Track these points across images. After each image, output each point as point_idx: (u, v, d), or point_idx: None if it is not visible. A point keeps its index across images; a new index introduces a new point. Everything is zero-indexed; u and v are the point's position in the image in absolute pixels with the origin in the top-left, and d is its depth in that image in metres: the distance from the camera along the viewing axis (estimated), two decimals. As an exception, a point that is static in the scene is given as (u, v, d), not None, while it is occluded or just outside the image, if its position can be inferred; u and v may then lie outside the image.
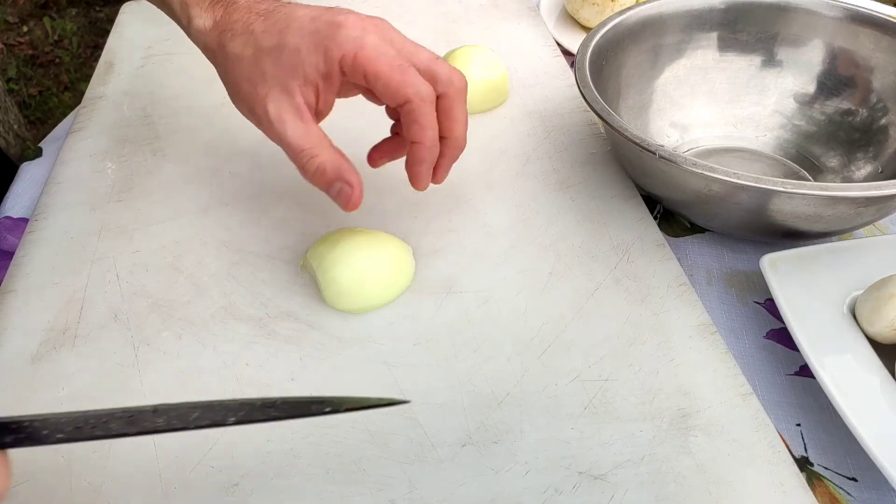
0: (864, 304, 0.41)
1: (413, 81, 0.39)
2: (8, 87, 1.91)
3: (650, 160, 0.45)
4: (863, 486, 0.38)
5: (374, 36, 0.39)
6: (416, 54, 0.41)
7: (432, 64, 0.41)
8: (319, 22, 0.40)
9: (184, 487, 0.35)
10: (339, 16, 0.40)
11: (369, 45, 0.39)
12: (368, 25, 0.40)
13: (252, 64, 0.41)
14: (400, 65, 0.39)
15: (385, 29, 0.41)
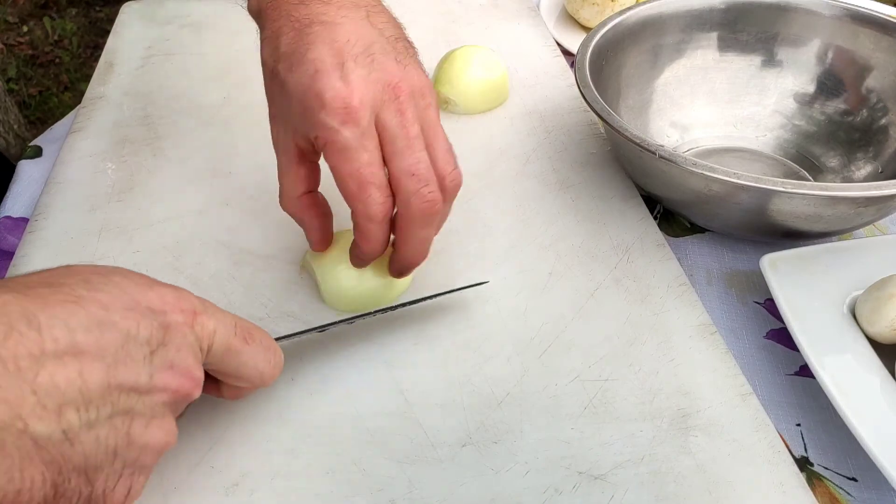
0: (864, 304, 0.41)
1: (365, 199, 0.36)
2: (8, 87, 1.91)
3: (650, 160, 0.45)
4: (863, 486, 0.38)
5: (350, 133, 0.35)
6: (400, 155, 0.36)
7: (403, 177, 0.36)
8: (312, 86, 0.35)
9: (184, 487, 0.35)
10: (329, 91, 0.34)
11: (339, 143, 0.35)
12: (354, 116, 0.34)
13: (269, 80, 0.39)
14: (361, 177, 0.35)
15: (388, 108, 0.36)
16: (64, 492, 0.25)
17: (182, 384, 0.28)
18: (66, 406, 0.24)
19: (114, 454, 0.26)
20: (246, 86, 0.63)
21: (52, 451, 0.24)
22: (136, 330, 0.27)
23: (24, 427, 0.23)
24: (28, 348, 0.24)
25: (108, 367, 0.26)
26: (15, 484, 0.23)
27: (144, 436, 0.27)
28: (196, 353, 0.29)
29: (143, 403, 0.27)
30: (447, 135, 0.39)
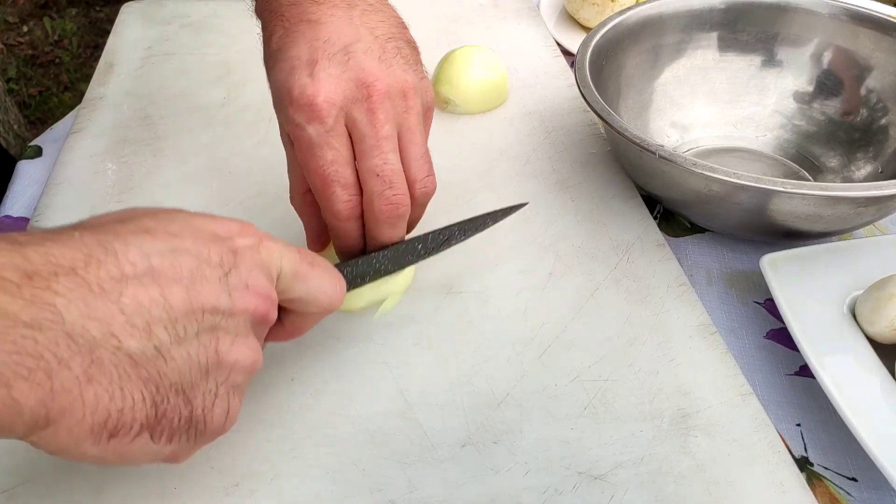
0: (864, 304, 0.41)
1: (330, 196, 0.37)
2: (8, 87, 1.91)
3: (650, 160, 0.45)
4: (863, 486, 0.38)
5: (315, 131, 0.35)
6: (367, 155, 0.36)
7: (368, 178, 0.37)
8: (285, 83, 0.36)
9: (184, 487, 0.35)
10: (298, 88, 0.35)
11: (304, 140, 0.36)
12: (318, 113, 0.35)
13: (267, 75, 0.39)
14: (325, 175, 0.36)
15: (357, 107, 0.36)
16: (165, 411, 0.26)
17: (259, 304, 0.29)
18: (153, 324, 0.25)
19: (206, 371, 0.27)
20: (246, 86, 0.63)
21: (147, 368, 0.25)
22: (208, 254, 0.28)
23: (119, 344, 0.24)
24: (109, 272, 0.25)
25: (188, 289, 0.26)
26: (117, 402, 0.24)
27: (232, 353, 0.28)
28: (268, 274, 0.30)
29: (226, 322, 0.28)
30: (447, 134, 0.39)
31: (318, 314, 0.35)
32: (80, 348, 0.23)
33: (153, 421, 0.26)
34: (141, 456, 0.26)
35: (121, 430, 0.25)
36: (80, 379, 0.23)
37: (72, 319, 0.23)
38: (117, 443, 0.25)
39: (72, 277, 0.24)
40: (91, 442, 0.24)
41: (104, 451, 0.25)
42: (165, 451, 0.27)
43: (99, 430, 0.24)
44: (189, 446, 0.28)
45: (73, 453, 0.25)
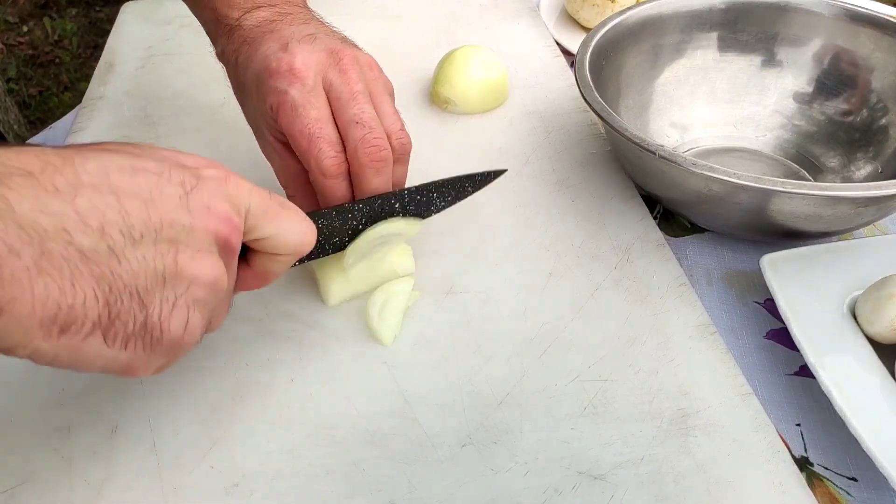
0: (864, 304, 0.41)
1: (317, 154, 0.38)
2: (8, 87, 1.91)
3: (650, 160, 0.45)
4: (863, 486, 0.38)
5: (298, 92, 0.38)
6: (345, 108, 0.39)
7: (348, 126, 0.39)
8: (262, 65, 0.39)
9: (184, 488, 0.35)
10: (275, 62, 0.38)
11: (288, 103, 0.38)
12: (299, 75, 0.38)
13: (238, 97, 0.44)
14: (310, 132, 0.38)
15: (331, 69, 0.39)
16: (118, 313, 0.26)
17: (220, 226, 0.29)
18: (107, 225, 0.25)
19: (163, 279, 0.27)
20: (246, 86, 0.63)
21: (100, 266, 0.25)
22: (169, 174, 0.28)
23: (70, 239, 0.24)
24: (65, 177, 0.25)
25: (145, 203, 0.26)
26: (67, 297, 0.24)
27: (191, 266, 0.28)
28: (233, 205, 0.30)
29: (186, 236, 0.28)
30: (447, 134, 0.40)
31: (287, 257, 0.34)
32: (30, 239, 0.24)
33: (105, 321, 0.26)
34: (95, 359, 0.26)
35: (72, 326, 0.25)
36: (29, 269, 0.23)
37: (22, 211, 0.24)
38: (68, 340, 0.25)
39: (26, 178, 0.24)
40: (42, 336, 0.24)
41: (56, 348, 0.25)
42: (121, 357, 0.27)
43: (49, 323, 0.24)
44: (146, 357, 0.28)
45: (26, 349, 0.25)
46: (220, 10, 0.44)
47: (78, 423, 0.38)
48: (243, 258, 0.34)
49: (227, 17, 0.43)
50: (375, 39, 0.71)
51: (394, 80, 0.65)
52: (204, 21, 0.47)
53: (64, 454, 0.37)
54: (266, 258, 0.34)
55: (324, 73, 0.39)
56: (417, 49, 0.69)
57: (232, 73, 0.44)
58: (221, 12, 0.44)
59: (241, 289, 0.35)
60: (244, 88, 0.42)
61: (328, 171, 0.39)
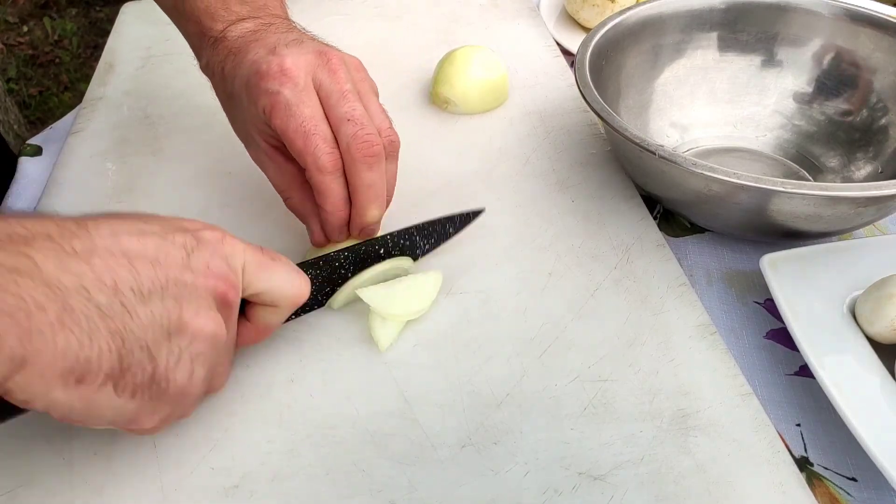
0: (864, 304, 0.41)
1: (313, 151, 0.39)
2: (8, 87, 1.91)
3: (650, 160, 0.45)
4: (863, 486, 0.38)
5: (290, 91, 0.39)
6: (336, 106, 0.39)
7: (340, 124, 0.39)
8: (251, 69, 0.40)
9: (184, 488, 0.35)
10: (265, 64, 0.39)
11: (281, 103, 0.39)
12: (290, 75, 0.39)
13: (227, 108, 0.45)
14: (305, 130, 0.39)
15: (320, 69, 0.40)
16: (129, 365, 0.28)
17: (218, 283, 0.31)
18: (120, 283, 0.28)
19: (168, 334, 0.29)
20: (246, 86, 0.63)
21: (115, 321, 0.27)
22: (173, 237, 0.31)
23: (89, 296, 0.27)
24: (81, 241, 0.28)
25: (153, 263, 0.29)
26: (86, 350, 0.26)
27: (195, 321, 0.30)
28: (230, 264, 0.32)
29: (189, 293, 0.30)
30: (447, 134, 0.40)
31: (284, 308, 0.36)
32: (55, 295, 0.26)
33: (118, 372, 0.28)
34: (106, 409, 0.28)
35: (87, 377, 0.27)
36: (53, 323, 0.25)
37: (48, 270, 0.26)
38: (84, 390, 0.27)
39: (47, 242, 0.27)
40: (60, 387, 0.26)
41: (71, 398, 0.27)
42: (129, 406, 0.29)
43: (67, 374, 0.26)
44: (152, 406, 0.30)
45: (43, 400, 0.26)
46: (205, 22, 0.44)
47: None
48: (242, 314, 0.36)
49: (211, 29, 0.44)
50: (375, 39, 0.71)
51: (394, 80, 0.66)
52: (188, 34, 0.47)
53: (64, 456, 0.37)
54: (264, 311, 0.36)
55: (313, 72, 0.40)
56: (417, 49, 0.69)
57: (219, 84, 0.44)
58: (206, 25, 0.44)
59: (242, 343, 0.37)
60: (233, 97, 0.42)
61: (325, 167, 0.39)
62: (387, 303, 0.42)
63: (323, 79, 0.40)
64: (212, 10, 0.44)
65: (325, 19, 0.74)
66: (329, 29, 0.73)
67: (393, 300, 0.42)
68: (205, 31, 0.44)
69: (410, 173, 0.53)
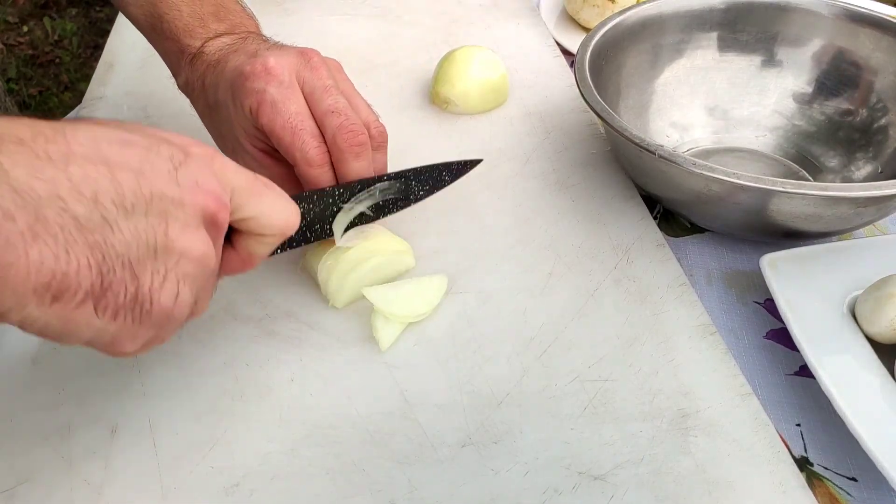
0: (864, 304, 0.41)
1: (300, 146, 0.39)
2: (8, 87, 1.91)
3: (650, 160, 0.45)
4: (863, 486, 0.38)
5: (275, 89, 0.39)
6: (320, 101, 0.40)
7: (325, 117, 0.40)
8: (235, 73, 0.40)
9: (184, 488, 0.35)
10: (248, 66, 0.40)
11: (267, 101, 0.39)
12: (275, 73, 0.39)
13: (210, 122, 0.45)
14: (292, 126, 0.39)
15: (302, 67, 0.40)
16: (110, 283, 0.26)
17: (208, 202, 0.29)
18: (101, 195, 0.25)
19: (154, 251, 0.27)
20: (246, 86, 0.63)
21: (94, 235, 0.25)
22: (158, 149, 0.28)
23: (65, 206, 0.24)
24: (57, 146, 0.25)
25: (136, 174, 0.26)
26: (62, 264, 0.24)
27: (182, 239, 0.28)
28: (220, 181, 0.30)
29: (176, 210, 0.28)
30: (447, 134, 0.40)
31: (272, 237, 0.34)
32: (25, 203, 0.23)
33: (98, 290, 0.26)
34: (84, 329, 0.26)
35: (65, 294, 0.25)
36: (24, 234, 0.23)
37: (17, 175, 0.24)
38: (60, 308, 0.25)
39: (18, 145, 0.24)
40: (35, 303, 0.24)
41: (47, 315, 0.25)
42: (109, 328, 0.27)
43: (43, 290, 0.24)
44: (133, 329, 0.28)
45: (17, 315, 0.25)
46: (183, 41, 0.45)
47: (78, 424, 0.38)
48: (227, 241, 0.34)
49: (189, 46, 0.44)
50: (375, 39, 0.71)
51: (394, 81, 0.66)
52: (165, 53, 0.47)
53: (64, 454, 0.37)
54: (251, 239, 0.34)
55: (297, 71, 0.40)
56: (417, 49, 0.69)
57: (199, 98, 0.44)
58: (184, 43, 0.44)
59: (226, 272, 0.35)
60: (217, 106, 0.43)
61: (313, 160, 0.40)
62: (391, 303, 0.42)
63: (306, 76, 0.40)
64: (190, 28, 0.44)
65: (325, 19, 0.74)
66: (329, 29, 0.73)
67: (397, 301, 0.42)
68: (183, 48, 0.45)
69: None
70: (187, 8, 0.45)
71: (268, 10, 0.75)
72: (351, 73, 0.45)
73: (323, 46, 0.44)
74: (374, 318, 0.42)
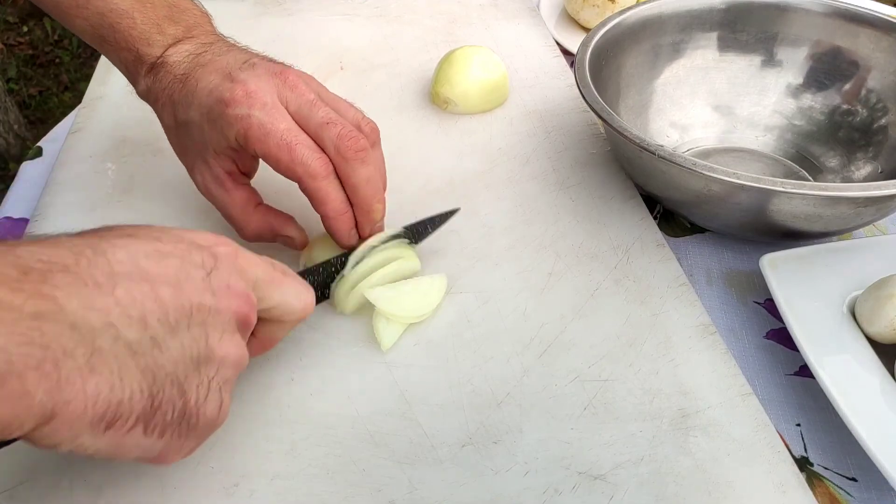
0: (864, 303, 0.41)
1: (301, 160, 0.39)
2: (8, 87, 1.91)
3: (650, 160, 0.45)
4: (863, 486, 0.38)
5: (261, 112, 0.38)
6: (309, 116, 0.40)
7: (320, 129, 0.39)
8: (212, 98, 0.39)
9: (184, 487, 0.35)
10: (227, 91, 0.39)
11: (255, 125, 0.38)
12: (257, 97, 0.38)
13: (175, 136, 0.44)
14: (287, 143, 0.38)
15: (282, 88, 0.40)
16: (160, 403, 0.26)
17: (240, 304, 0.30)
18: (148, 315, 0.26)
19: (197, 364, 0.28)
20: (246, 86, 0.63)
21: (145, 358, 0.26)
22: (191, 256, 0.29)
23: (117, 333, 0.25)
24: (101, 269, 0.25)
25: (175, 287, 0.27)
26: (117, 393, 0.24)
27: (221, 347, 0.29)
28: (246, 280, 0.31)
29: (213, 318, 0.29)
30: (447, 134, 0.40)
31: (290, 322, 0.36)
32: (82, 338, 0.24)
33: (149, 412, 0.26)
34: (132, 450, 0.27)
35: (118, 422, 0.25)
36: (82, 369, 0.24)
37: (72, 310, 0.24)
38: (113, 434, 0.25)
39: (66, 274, 0.24)
40: (89, 434, 0.24)
41: (99, 443, 0.25)
42: (157, 446, 0.28)
43: (98, 421, 0.24)
44: (179, 443, 0.29)
45: (69, 445, 0.25)
46: (140, 48, 0.43)
47: (78, 424, 0.38)
48: None
49: (147, 55, 0.43)
50: (375, 39, 0.71)
51: (394, 80, 0.66)
52: (120, 62, 0.46)
53: (64, 454, 0.37)
54: (272, 325, 0.35)
55: (277, 92, 0.40)
56: (417, 49, 0.69)
57: (165, 110, 0.43)
58: (141, 51, 0.43)
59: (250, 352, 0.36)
60: (188, 125, 0.42)
61: (317, 172, 0.39)
62: (393, 303, 0.41)
63: (287, 95, 0.40)
64: (146, 35, 0.43)
65: (325, 19, 0.74)
66: (329, 29, 0.73)
67: (398, 301, 0.42)
68: (141, 57, 0.43)
69: (411, 173, 0.54)
70: (140, 15, 0.43)
71: (268, 10, 0.75)
72: (351, 73, 0.45)
73: (323, 46, 0.44)
74: (376, 319, 0.42)
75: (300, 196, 0.41)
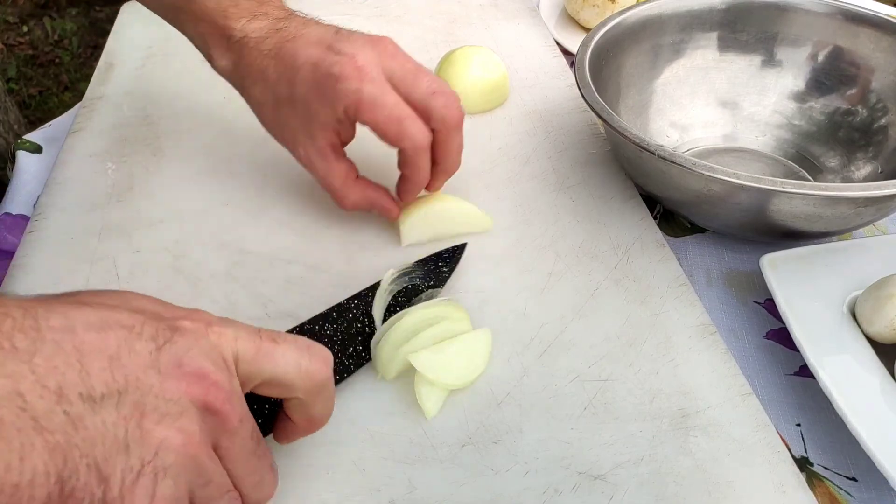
0: (864, 303, 0.41)
1: (409, 133, 0.41)
2: (8, 87, 1.91)
3: (650, 160, 0.45)
4: (863, 486, 0.38)
5: (371, 86, 0.40)
6: (414, 86, 0.41)
7: (428, 99, 0.41)
8: (320, 72, 0.41)
9: (184, 487, 0.35)
10: (336, 66, 0.40)
11: (366, 98, 0.40)
12: (366, 71, 0.40)
13: (274, 111, 0.44)
14: (397, 116, 0.41)
15: (384, 58, 0.41)
16: (72, 490, 0.22)
17: (193, 385, 0.26)
18: (66, 387, 0.23)
19: (126, 446, 0.24)
20: (246, 86, 0.63)
21: (55, 435, 0.22)
22: (140, 329, 0.25)
23: (24, 404, 0.22)
24: (24, 332, 0.23)
25: (111, 361, 0.24)
26: (13, 474, 0.21)
27: (157, 430, 0.25)
28: (214, 358, 0.27)
29: (154, 398, 0.25)
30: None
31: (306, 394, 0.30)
32: None
33: (57, 500, 0.22)
34: None
35: None
36: None
37: None
38: None
39: None
40: None
41: None
42: None
43: None
44: None
45: None
46: (219, 21, 0.44)
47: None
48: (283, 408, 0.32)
49: (228, 28, 0.44)
50: (375, 39, 0.71)
51: (394, 80, 0.66)
52: (197, 35, 0.46)
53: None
54: (289, 403, 0.31)
55: (380, 63, 0.41)
56: (417, 49, 0.69)
57: (261, 88, 0.44)
58: (220, 24, 0.44)
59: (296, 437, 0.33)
60: (293, 100, 0.43)
61: (423, 144, 0.42)
62: (438, 370, 0.38)
63: (390, 66, 0.41)
64: (223, 8, 0.44)
65: (325, 19, 0.74)
66: (329, 29, 0.73)
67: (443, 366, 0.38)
68: (222, 31, 0.44)
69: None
70: None
71: (268, 10, 0.75)
72: (351, 73, 0.45)
73: (323, 46, 0.44)
74: (418, 385, 0.38)
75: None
